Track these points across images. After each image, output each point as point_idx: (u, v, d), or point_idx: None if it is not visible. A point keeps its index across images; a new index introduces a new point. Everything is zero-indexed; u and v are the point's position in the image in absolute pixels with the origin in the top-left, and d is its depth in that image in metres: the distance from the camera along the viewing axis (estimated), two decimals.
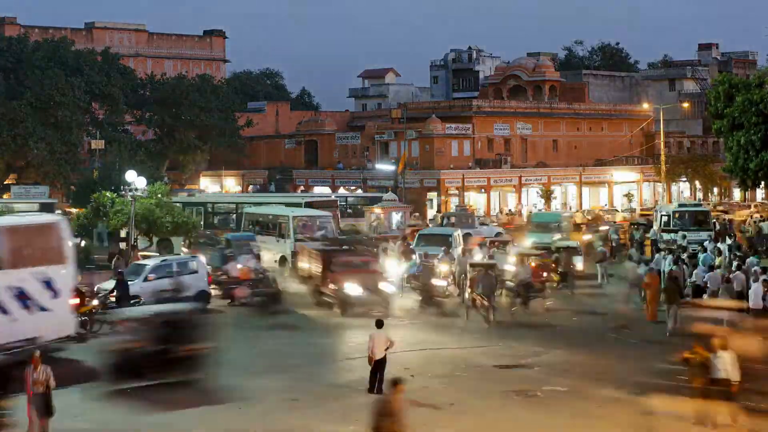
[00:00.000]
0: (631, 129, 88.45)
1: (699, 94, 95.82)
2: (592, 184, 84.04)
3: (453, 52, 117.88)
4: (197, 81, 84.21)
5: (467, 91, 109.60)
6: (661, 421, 18.57)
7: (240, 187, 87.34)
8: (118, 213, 43.67)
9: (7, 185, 70.15)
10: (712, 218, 50.98)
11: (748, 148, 45.35)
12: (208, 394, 20.47)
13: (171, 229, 44.36)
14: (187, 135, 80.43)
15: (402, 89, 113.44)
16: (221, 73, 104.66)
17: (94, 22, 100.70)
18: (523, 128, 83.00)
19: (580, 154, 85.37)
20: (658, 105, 78.88)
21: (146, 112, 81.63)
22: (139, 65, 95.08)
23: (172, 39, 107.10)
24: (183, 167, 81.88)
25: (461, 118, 79.46)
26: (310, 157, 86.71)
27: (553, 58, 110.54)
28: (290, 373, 22.93)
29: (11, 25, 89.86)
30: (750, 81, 48.21)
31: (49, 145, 68.28)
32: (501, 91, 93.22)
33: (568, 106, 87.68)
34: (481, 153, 79.25)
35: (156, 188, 46.04)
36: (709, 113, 53.56)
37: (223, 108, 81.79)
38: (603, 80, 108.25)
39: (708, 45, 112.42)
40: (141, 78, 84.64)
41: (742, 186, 52.84)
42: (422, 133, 76.07)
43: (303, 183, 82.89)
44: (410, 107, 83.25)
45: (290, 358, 24.73)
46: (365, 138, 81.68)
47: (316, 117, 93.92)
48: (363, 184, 77.02)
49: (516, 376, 22.88)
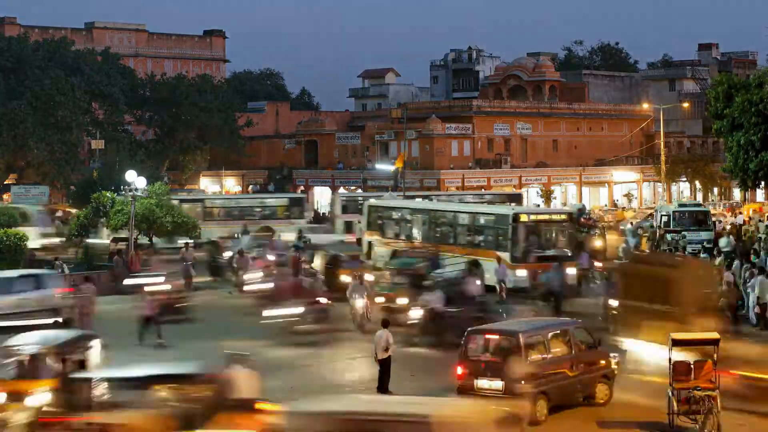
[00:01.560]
0: (631, 129, 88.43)
1: (699, 94, 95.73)
2: (592, 184, 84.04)
3: (453, 52, 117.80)
4: (197, 81, 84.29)
5: (467, 91, 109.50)
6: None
7: (240, 187, 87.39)
8: (118, 213, 43.67)
9: (7, 185, 70.20)
10: (712, 218, 50.99)
11: (748, 148, 45.25)
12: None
13: (171, 229, 44.41)
14: (187, 135, 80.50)
15: (402, 89, 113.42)
16: (221, 73, 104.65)
17: (94, 22, 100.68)
18: (523, 128, 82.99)
19: (580, 154, 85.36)
20: (658, 105, 78.82)
21: (146, 112, 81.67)
22: (139, 65, 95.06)
23: (172, 39, 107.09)
24: (183, 167, 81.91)
25: (461, 118, 79.46)
26: (310, 157, 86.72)
27: (553, 58, 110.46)
28: (290, 373, 22.93)
29: (11, 25, 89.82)
30: (750, 81, 48.11)
31: (49, 145, 68.31)
32: (501, 91, 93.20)
33: (568, 106, 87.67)
34: (481, 153, 79.25)
35: (156, 188, 46.08)
36: (709, 113, 53.44)
37: (223, 108, 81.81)
38: (603, 80, 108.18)
39: (708, 45, 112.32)
40: (141, 78, 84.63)
41: (742, 186, 52.75)
42: (422, 133, 76.08)
43: (303, 183, 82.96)
44: (410, 107, 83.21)
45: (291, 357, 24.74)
46: (365, 138, 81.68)
47: (316, 117, 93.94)
48: (363, 184, 77.08)
49: None
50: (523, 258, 33.58)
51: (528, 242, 34.34)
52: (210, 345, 24.14)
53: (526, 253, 33.79)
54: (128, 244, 39.89)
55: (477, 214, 37.58)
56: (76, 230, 45.99)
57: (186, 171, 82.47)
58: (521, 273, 32.92)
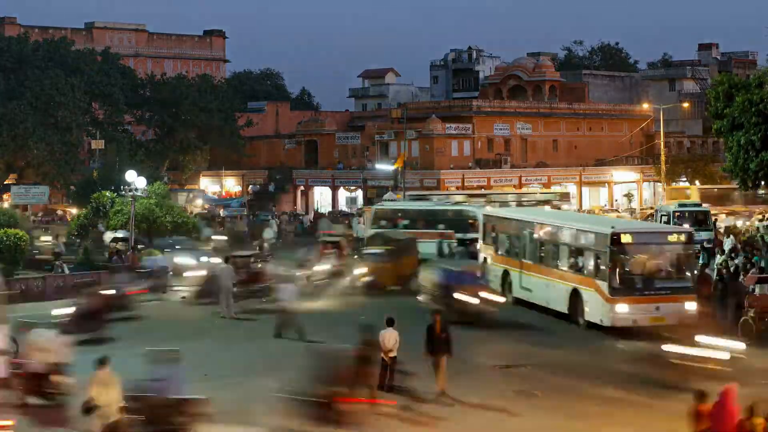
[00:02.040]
0: (631, 129, 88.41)
1: (699, 94, 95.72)
2: (592, 184, 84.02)
3: (453, 52, 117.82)
4: (197, 81, 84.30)
5: (467, 91, 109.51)
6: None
7: (240, 187, 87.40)
8: (118, 213, 43.69)
9: (7, 185, 70.20)
10: (712, 218, 51.02)
11: (748, 148, 45.28)
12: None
13: (171, 229, 44.42)
14: (187, 135, 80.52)
15: (402, 89, 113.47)
16: (221, 73, 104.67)
17: (94, 22, 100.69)
18: (523, 128, 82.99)
19: (580, 154, 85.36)
20: (658, 105, 78.79)
21: (146, 112, 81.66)
22: (139, 65, 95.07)
23: (172, 39, 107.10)
24: (183, 167, 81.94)
25: (461, 118, 79.46)
26: (310, 157, 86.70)
27: (553, 58, 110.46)
28: (290, 373, 22.92)
29: (11, 25, 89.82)
30: (750, 81, 48.13)
31: (49, 145, 68.28)
32: (501, 91, 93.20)
33: (568, 106, 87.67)
34: (481, 153, 79.24)
35: (156, 188, 46.10)
36: (709, 113, 53.49)
37: (223, 108, 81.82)
38: (603, 80, 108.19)
39: (708, 45, 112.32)
40: (141, 78, 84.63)
41: (742, 186, 52.75)
42: (422, 133, 76.08)
43: (303, 183, 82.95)
44: (410, 107, 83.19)
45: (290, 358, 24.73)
46: (365, 138, 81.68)
47: (316, 117, 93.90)
48: (363, 184, 77.08)
49: (516, 376, 22.90)
50: (626, 289, 27.53)
51: (633, 269, 28.09)
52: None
53: (629, 282, 27.77)
54: (128, 243, 39.95)
55: (578, 231, 30.35)
56: (75, 230, 46.03)
57: (186, 171, 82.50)
58: (622, 308, 27.25)
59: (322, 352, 19.27)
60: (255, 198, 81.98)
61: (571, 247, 30.20)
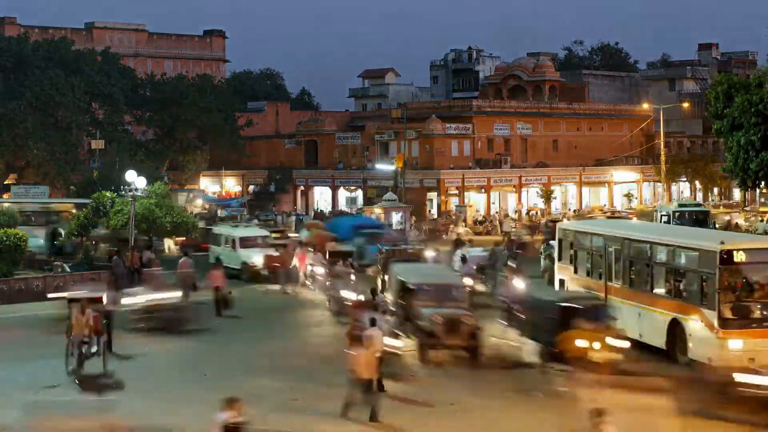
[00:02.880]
0: (631, 129, 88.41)
1: (699, 94, 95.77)
2: (592, 184, 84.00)
3: (453, 52, 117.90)
4: (197, 81, 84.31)
5: (467, 91, 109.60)
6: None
7: (240, 187, 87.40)
8: (118, 213, 43.65)
9: (7, 185, 70.20)
10: (711, 218, 50.99)
11: (748, 148, 45.37)
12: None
13: (170, 229, 44.36)
14: (187, 135, 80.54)
15: (402, 89, 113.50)
16: (221, 73, 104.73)
17: (94, 22, 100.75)
18: (523, 128, 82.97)
19: (580, 154, 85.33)
20: (658, 105, 78.78)
21: (146, 112, 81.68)
22: (139, 65, 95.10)
23: (172, 39, 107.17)
24: (183, 167, 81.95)
25: (461, 118, 79.44)
26: (310, 157, 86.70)
27: (553, 58, 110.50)
28: (290, 373, 22.94)
29: (11, 25, 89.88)
30: (750, 81, 48.21)
31: (49, 145, 68.31)
32: (501, 91, 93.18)
33: (568, 106, 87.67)
34: (481, 153, 79.22)
35: (156, 188, 46.03)
36: (709, 113, 53.57)
37: (223, 108, 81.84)
38: (603, 80, 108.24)
39: (708, 45, 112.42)
40: (141, 78, 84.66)
41: (742, 186, 52.81)
42: (422, 133, 76.05)
43: (303, 183, 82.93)
44: (410, 107, 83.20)
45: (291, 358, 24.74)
46: (365, 138, 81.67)
47: (316, 117, 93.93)
48: (363, 184, 77.07)
49: (516, 376, 22.89)
50: (741, 320, 21.82)
51: (749, 294, 22.16)
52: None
53: (745, 311, 21.96)
54: (129, 243, 39.86)
55: (677, 247, 24.52)
56: (75, 230, 45.96)
57: (186, 171, 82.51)
58: (736, 344, 21.49)
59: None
60: (255, 198, 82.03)
61: (669, 267, 24.60)
